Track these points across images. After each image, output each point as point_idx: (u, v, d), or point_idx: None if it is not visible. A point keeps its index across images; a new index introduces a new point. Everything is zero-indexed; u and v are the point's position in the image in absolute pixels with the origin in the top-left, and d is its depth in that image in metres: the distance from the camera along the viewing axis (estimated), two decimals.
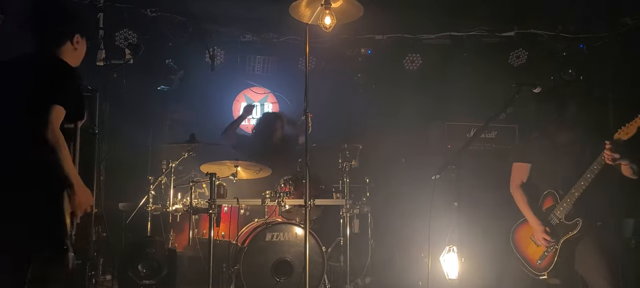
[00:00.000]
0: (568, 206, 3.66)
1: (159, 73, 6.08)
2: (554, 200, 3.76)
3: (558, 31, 6.09)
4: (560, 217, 3.70)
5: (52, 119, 2.59)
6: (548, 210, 3.78)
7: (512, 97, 3.73)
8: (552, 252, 3.72)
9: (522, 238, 3.93)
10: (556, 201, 3.74)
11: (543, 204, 3.83)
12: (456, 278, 4.25)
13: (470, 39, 6.23)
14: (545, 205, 3.82)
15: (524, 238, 3.91)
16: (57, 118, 2.61)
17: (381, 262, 5.69)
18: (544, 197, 3.83)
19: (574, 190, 3.62)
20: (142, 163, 6.04)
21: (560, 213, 3.70)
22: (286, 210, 4.96)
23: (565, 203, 3.67)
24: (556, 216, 3.72)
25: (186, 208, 4.81)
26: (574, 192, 3.62)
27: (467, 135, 5.75)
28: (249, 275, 4.53)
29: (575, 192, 3.62)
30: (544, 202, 3.83)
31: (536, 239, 3.79)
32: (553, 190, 3.77)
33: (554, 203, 3.76)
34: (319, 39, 5.92)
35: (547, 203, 3.81)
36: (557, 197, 3.74)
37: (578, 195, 3.61)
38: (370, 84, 6.69)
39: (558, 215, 3.71)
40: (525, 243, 3.89)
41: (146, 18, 5.71)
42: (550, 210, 3.76)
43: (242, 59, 6.37)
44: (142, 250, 4.64)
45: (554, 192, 3.76)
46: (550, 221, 3.75)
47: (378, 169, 5.80)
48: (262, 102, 7.08)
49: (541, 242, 3.75)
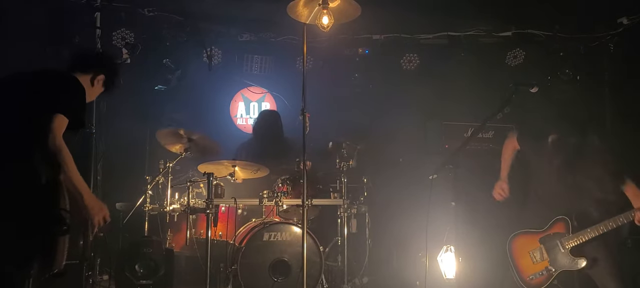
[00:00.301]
0: (580, 242, 3.65)
1: (156, 73, 6.06)
2: (566, 229, 3.72)
3: (555, 31, 6.11)
4: (568, 248, 3.69)
5: (55, 127, 2.61)
6: (556, 235, 3.75)
7: (510, 96, 3.72)
8: (547, 275, 3.72)
9: (518, 248, 3.94)
10: (567, 231, 3.71)
11: (552, 227, 3.80)
12: (453, 277, 4.26)
13: (467, 38, 6.24)
14: (554, 229, 3.79)
15: (521, 249, 3.92)
16: (60, 127, 2.64)
17: (379, 262, 5.68)
18: (555, 221, 3.79)
19: (590, 230, 3.61)
20: (139, 163, 6.03)
21: (569, 246, 3.68)
22: (284, 210, 4.96)
23: (577, 239, 3.65)
24: (563, 246, 3.70)
25: (184, 208, 4.80)
26: (590, 232, 3.61)
27: (465, 134, 5.76)
28: (247, 275, 4.52)
29: (592, 232, 3.60)
30: (554, 226, 3.79)
31: (495, 189, 3.89)
32: (567, 217, 3.73)
33: (564, 232, 3.72)
34: (317, 38, 5.92)
35: (558, 229, 3.77)
36: (569, 227, 3.71)
37: (593, 237, 3.60)
38: (368, 84, 6.69)
39: (567, 246, 3.69)
40: (521, 255, 3.90)
41: (143, 17, 5.70)
42: (559, 237, 3.74)
43: (240, 59, 6.36)
44: (139, 250, 4.63)
45: (567, 220, 3.72)
46: (555, 247, 3.74)
47: (376, 169, 5.80)
48: (260, 102, 7.07)
49: (496, 192, 3.88)
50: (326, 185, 5.29)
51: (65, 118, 2.67)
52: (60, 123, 2.65)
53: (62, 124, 2.65)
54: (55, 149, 2.59)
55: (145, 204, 4.96)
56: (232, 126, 6.95)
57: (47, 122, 2.61)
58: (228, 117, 6.95)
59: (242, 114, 7.01)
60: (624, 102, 5.72)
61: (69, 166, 2.62)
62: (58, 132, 2.62)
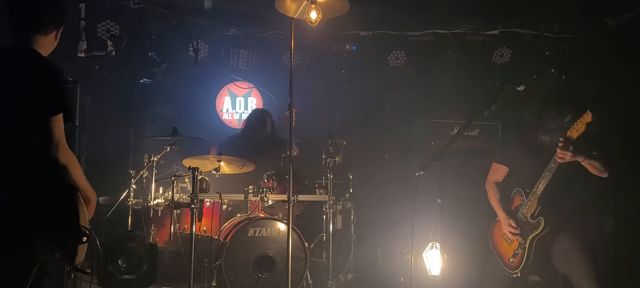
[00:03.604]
0: (532, 204, 3.70)
1: (141, 66, 6.00)
2: (521, 198, 3.81)
3: (541, 31, 6.14)
4: (526, 215, 3.74)
5: (58, 130, 2.53)
6: (516, 208, 3.83)
7: (496, 95, 3.74)
8: (521, 250, 3.75)
9: (497, 235, 4.00)
10: (523, 199, 3.78)
11: (512, 202, 3.89)
12: (439, 274, 4.27)
13: (454, 36, 6.25)
14: (514, 204, 3.88)
15: (499, 236, 3.97)
16: (61, 128, 2.54)
17: (364, 258, 5.69)
18: (513, 195, 3.89)
19: (535, 187, 3.67)
20: (123, 156, 5.97)
21: (526, 212, 3.74)
22: (269, 205, 4.94)
23: (529, 201, 3.72)
24: (523, 214, 3.77)
25: (168, 203, 4.76)
26: (535, 190, 3.67)
27: (451, 132, 5.77)
28: (231, 271, 4.50)
29: (537, 189, 3.66)
30: (513, 201, 3.89)
31: (505, 234, 3.85)
32: (520, 188, 3.81)
33: (521, 202, 3.80)
34: (304, 34, 5.89)
35: (516, 202, 3.86)
36: (523, 195, 3.78)
37: (540, 193, 3.65)
38: (355, 80, 6.69)
39: (524, 213, 3.75)
40: (500, 241, 3.95)
41: (129, 10, 5.64)
42: (519, 209, 3.81)
43: (226, 53, 6.32)
44: (122, 244, 4.59)
45: (521, 190, 3.81)
46: (519, 220, 3.80)
47: (362, 165, 5.79)
48: (246, 97, 7.03)
49: (509, 236, 3.81)
50: (312, 181, 5.28)
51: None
52: (61, 124, 2.56)
53: (61, 124, 2.56)
54: (64, 156, 2.54)
55: (129, 198, 4.92)
56: (217, 121, 6.91)
57: (47, 125, 2.50)
58: (214, 111, 6.91)
59: (228, 109, 6.98)
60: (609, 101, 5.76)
61: (76, 172, 2.60)
62: (62, 136, 2.55)
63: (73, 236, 2.56)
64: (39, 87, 2.55)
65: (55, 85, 2.59)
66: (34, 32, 2.68)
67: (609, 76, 5.72)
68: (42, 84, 2.56)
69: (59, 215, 2.55)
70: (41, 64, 2.63)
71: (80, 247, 2.59)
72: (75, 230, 2.55)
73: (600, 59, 5.92)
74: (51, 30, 2.74)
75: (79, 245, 2.58)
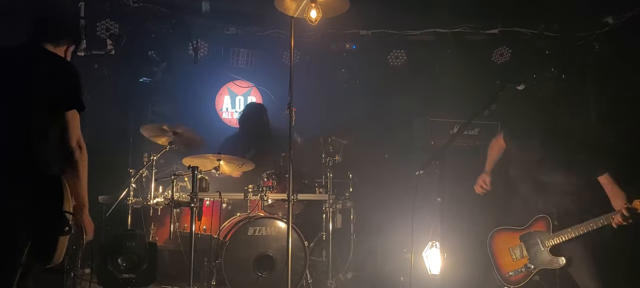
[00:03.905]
0: (560, 241, 3.67)
1: (141, 65, 6.00)
2: (546, 227, 3.75)
3: (541, 30, 6.13)
4: (548, 247, 3.71)
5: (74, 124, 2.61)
6: (536, 233, 3.79)
7: (496, 93, 3.74)
8: (526, 272, 3.75)
9: (498, 245, 3.98)
10: (548, 229, 3.74)
11: (533, 225, 3.83)
12: (438, 273, 4.26)
13: (454, 35, 6.24)
14: (534, 227, 3.82)
15: (501, 246, 3.96)
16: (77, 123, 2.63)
17: (363, 257, 5.69)
18: (536, 219, 3.83)
19: (571, 230, 3.63)
20: (123, 155, 5.97)
21: (549, 244, 3.71)
22: (269, 204, 4.93)
23: (558, 238, 3.68)
24: (544, 244, 3.73)
25: (167, 202, 4.76)
26: (570, 231, 3.63)
27: (451, 131, 5.77)
28: (231, 270, 4.50)
29: (572, 232, 3.62)
30: (535, 224, 3.82)
31: (478, 182, 3.90)
32: (549, 216, 3.76)
33: (545, 230, 3.75)
34: (304, 33, 5.89)
35: (538, 227, 3.80)
36: (550, 225, 3.74)
37: (573, 237, 3.62)
38: (355, 79, 6.68)
39: (547, 244, 3.72)
40: (501, 251, 3.95)
41: (128, 8, 5.63)
42: (539, 235, 3.77)
43: (226, 52, 6.32)
44: (122, 243, 4.57)
45: (548, 218, 3.76)
46: (535, 245, 3.76)
47: (361, 165, 5.79)
48: (246, 96, 7.03)
49: (478, 185, 3.91)
50: (312, 180, 5.27)
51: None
52: (76, 119, 2.65)
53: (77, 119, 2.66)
54: (78, 150, 2.63)
55: (128, 197, 4.91)
56: (217, 120, 6.91)
57: (62, 119, 2.60)
58: (213, 110, 6.90)
59: (228, 108, 6.97)
60: (609, 101, 5.76)
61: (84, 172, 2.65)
62: (78, 130, 2.63)
63: (54, 224, 2.52)
64: (53, 83, 2.64)
65: (71, 81, 2.69)
66: (46, 41, 2.82)
67: (609, 75, 5.72)
68: (57, 80, 2.66)
69: (41, 201, 2.53)
70: (55, 61, 2.74)
71: (61, 240, 2.55)
72: (57, 216, 2.52)
73: (600, 58, 5.92)
74: (63, 44, 2.89)
75: (60, 238, 2.54)
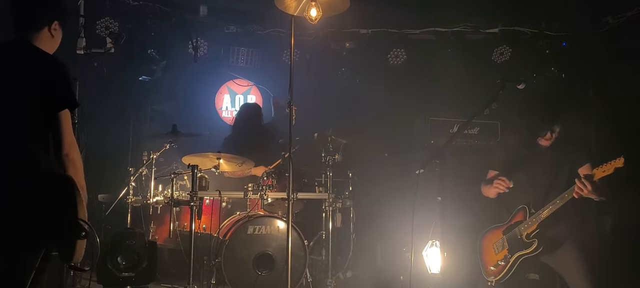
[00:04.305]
0: (533, 226, 3.69)
1: (140, 63, 5.99)
2: (524, 216, 3.79)
3: (541, 29, 6.13)
4: (522, 233, 3.74)
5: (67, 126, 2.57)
6: (515, 224, 3.83)
7: (496, 93, 3.74)
8: (505, 263, 3.78)
9: (486, 244, 4.03)
10: (525, 217, 3.77)
11: (514, 217, 3.87)
12: (438, 272, 4.26)
13: (454, 34, 6.23)
14: (515, 219, 3.86)
15: (487, 244, 4.01)
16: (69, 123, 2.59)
17: (363, 256, 5.68)
18: (516, 211, 3.87)
19: (540, 212, 3.66)
20: (122, 154, 5.96)
21: (524, 230, 3.74)
22: (269, 203, 4.93)
23: (531, 221, 3.71)
24: (521, 232, 3.76)
25: (167, 201, 4.76)
26: (541, 213, 3.66)
27: (451, 130, 5.76)
28: (231, 269, 4.50)
29: (542, 214, 3.65)
30: (516, 216, 3.87)
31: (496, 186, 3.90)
32: (526, 205, 3.79)
33: (522, 219, 3.79)
34: (304, 31, 5.88)
35: (517, 218, 3.85)
36: (527, 213, 3.77)
37: (544, 218, 3.64)
38: (355, 78, 6.68)
39: (522, 231, 3.75)
40: (486, 249, 4.00)
41: (128, 6, 5.62)
42: (517, 225, 3.80)
43: (226, 51, 6.31)
44: (121, 242, 4.58)
45: (526, 208, 3.79)
46: (514, 235, 3.80)
47: (361, 164, 5.79)
48: (245, 95, 7.02)
49: (497, 184, 3.87)
50: (311, 179, 5.27)
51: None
52: (68, 122, 2.61)
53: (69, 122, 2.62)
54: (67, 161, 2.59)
55: (128, 196, 4.92)
56: (217, 119, 6.90)
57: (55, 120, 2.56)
58: (213, 109, 6.90)
59: (228, 107, 6.97)
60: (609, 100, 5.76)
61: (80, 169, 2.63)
62: (70, 135, 2.60)
63: (71, 230, 2.51)
64: (43, 83, 2.58)
65: (61, 81, 2.63)
66: (29, 29, 2.72)
67: (610, 74, 5.72)
68: (46, 79, 2.60)
69: (58, 208, 2.51)
70: (43, 59, 2.66)
71: (79, 243, 2.55)
72: (74, 223, 2.50)
73: (600, 57, 5.91)
74: (44, 24, 2.76)
75: (78, 241, 2.54)
